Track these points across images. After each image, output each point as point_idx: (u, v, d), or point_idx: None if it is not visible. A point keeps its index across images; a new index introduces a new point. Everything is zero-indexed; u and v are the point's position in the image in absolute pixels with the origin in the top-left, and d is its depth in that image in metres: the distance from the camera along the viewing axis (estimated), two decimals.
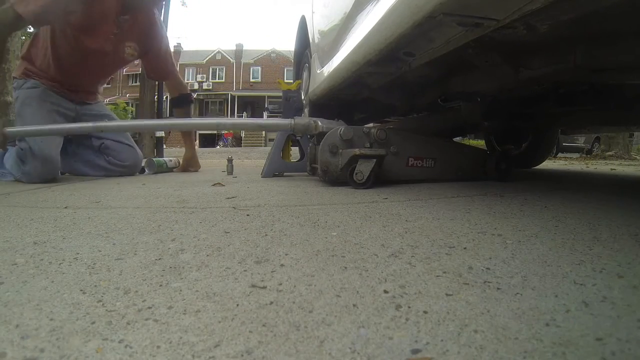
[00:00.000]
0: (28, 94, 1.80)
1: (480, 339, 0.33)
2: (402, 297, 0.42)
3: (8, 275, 0.49)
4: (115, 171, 1.97)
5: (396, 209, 0.94)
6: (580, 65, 1.05)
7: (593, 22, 0.90)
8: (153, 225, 0.77)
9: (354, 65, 1.25)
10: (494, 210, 0.92)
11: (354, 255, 0.57)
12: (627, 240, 0.65)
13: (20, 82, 1.85)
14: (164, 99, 4.29)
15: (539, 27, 0.89)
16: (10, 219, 0.84)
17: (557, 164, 3.61)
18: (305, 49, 2.46)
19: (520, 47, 1.13)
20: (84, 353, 0.31)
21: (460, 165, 1.62)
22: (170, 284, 0.46)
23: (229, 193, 1.25)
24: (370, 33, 1.05)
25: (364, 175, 1.31)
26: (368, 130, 1.44)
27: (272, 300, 0.42)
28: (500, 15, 0.75)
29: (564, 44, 1.06)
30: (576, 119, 1.98)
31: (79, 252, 0.59)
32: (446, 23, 0.80)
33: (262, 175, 1.86)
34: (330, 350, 0.32)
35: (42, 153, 1.66)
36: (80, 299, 0.42)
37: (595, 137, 8.07)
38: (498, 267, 0.51)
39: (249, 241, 0.65)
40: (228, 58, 25.71)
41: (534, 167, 2.72)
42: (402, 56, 1.12)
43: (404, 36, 0.89)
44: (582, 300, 0.41)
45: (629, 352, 0.31)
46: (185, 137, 2.40)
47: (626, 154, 6.29)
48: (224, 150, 9.92)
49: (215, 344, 0.33)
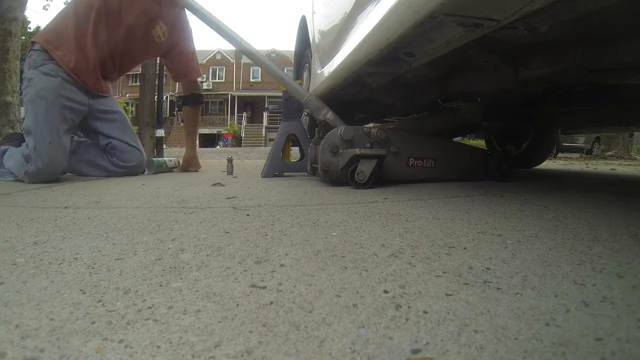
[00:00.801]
0: (44, 83, 1.69)
1: (480, 339, 0.33)
2: (402, 297, 0.42)
3: (8, 275, 0.49)
4: (117, 172, 1.96)
5: (396, 209, 0.94)
6: (579, 66, 1.05)
7: (592, 22, 0.90)
8: (153, 225, 0.77)
9: (355, 65, 1.25)
10: (494, 210, 0.92)
11: (354, 255, 0.57)
12: (627, 240, 0.65)
13: (37, 59, 1.72)
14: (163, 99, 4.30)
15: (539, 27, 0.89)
16: (10, 219, 0.84)
17: (557, 164, 3.61)
18: (305, 49, 2.46)
19: (520, 48, 1.13)
20: (84, 353, 0.31)
21: (461, 166, 1.62)
22: (170, 284, 0.46)
23: (229, 193, 1.25)
24: (371, 33, 1.05)
25: (366, 175, 1.31)
26: (368, 130, 1.44)
27: (272, 300, 0.42)
28: (500, 15, 0.75)
29: (563, 44, 1.06)
30: (576, 118, 1.98)
31: (79, 252, 0.59)
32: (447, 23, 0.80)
33: (262, 175, 1.86)
34: (330, 350, 0.32)
35: (48, 155, 1.65)
36: (80, 299, 0.42)
37: (595, 137, 8.07)
38: (498, 267, 0.51)
39: (249, 241, 0.65)
40: (228, 58, 25.70)
41: (534, 167, 2.72)
42: (403, 56, 1.12)
43: (404, 36, 0.89)
44: (582, 300, 0.41)
45: (629, 352, 0.31)
46: (187, 137, 2.41)
47: (626, 154, 6.29)
48: (224, 150, 9.92)
49: (215, 344, 0.33)
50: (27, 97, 1.71)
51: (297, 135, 1.95)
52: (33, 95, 1.69)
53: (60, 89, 1.71)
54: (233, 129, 22.56)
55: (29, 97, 1.70)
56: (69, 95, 1.75)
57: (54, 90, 1.70)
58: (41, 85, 1.69)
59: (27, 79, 1.73)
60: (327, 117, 1.56)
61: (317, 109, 1.60)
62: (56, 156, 1.68)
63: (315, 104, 1.61)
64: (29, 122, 1.69)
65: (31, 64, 1.73)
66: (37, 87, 1.69)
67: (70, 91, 1.76)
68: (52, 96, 1.69)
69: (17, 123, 3.73)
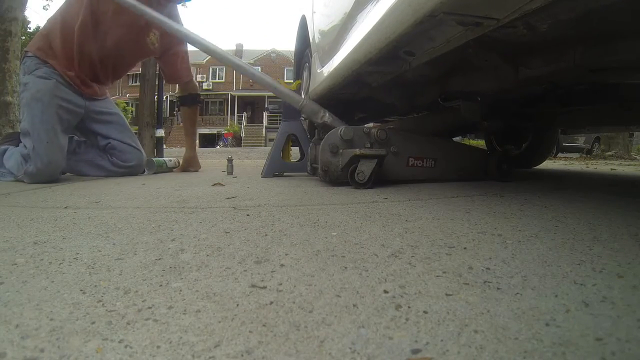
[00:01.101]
0: (39, 86, 1.71)
1: (480, 339, 0.33)
2: (402, 297, 0.42)
3: (8, 275, 0.49)
4: (117, 172, 1.96)
5: (396, 209, 0.94)
6: (579, 65, 1.05)
7: (592, 21, 0.90)
8: (153, 225, 0.77)
9: (355, 63, 1.25)
10: (494, 210, 0.92)
11: (354, 255, 0.57)
12: (627, 240, 0.65)
13: (31, 64, 1.74)
14: (163, 99, 4.30)
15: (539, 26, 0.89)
16: (10, 219, 0.84)
17: (557, 164, 3.61)
18: (305, 49, 2.47)
19: (520, 47, 1.13)
20: (84, 353, 0.31)
21: (461, 166, 1.62)
22: (170, 284, 0.46)
23: (229, 193, 1.25)
24: (371, 32, 1.05)
25: (366, 175, 1.31)
26: (368, 130, 1.45)
27: (272, 300, 0.42)
28: (500, 14, 0.75)
29: (563, 43, 1.06)
30: (576, 118, 1.98)
31: (79, 252, 0.59)
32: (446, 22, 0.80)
33: (262, 175, 1.86)
34: (330, 350, 0.32)
35: (47, 155, 1.65)
36: (80, 299, 0.42)
37: (595, 137, 8.07)
38: (498, 267, 0.51)
39: (249, 241, 0.65)
40: None
41: (534, 167, 2.72)
42: (403, 55, 1.12)
43: (404, 35, 0.89)
44: (582, 300, 0.41)
45: (629, 352, 0.31)
46: (187, 137, 2.41)
47: (626, 154, 6.29)
48: (224, 150, 9.92)
49: (215, 344, 0.33)
50: (24, 100, 1.73)
51: (297, 135, 1.95)
52: (29, 98, 1.71)
53: (55, 90, 1.73)
54: (233, 129, 22.56)
55: (25, 100, 1.73)
56: (64, 97, 1.77)
57: (50, 91, 1.72)
58: (36, 88, 1.71)
59: (22, 83, 1.76)
60: (325, 119, 1.56)
61: (313, 113, 1.59)
62: (55, 156, 1.69)
63: (311, 108, 1.60)
64: (26, 124, 1.71)
65: (26, 70, 1.76)
66: (32, 90, 1.71)
67: (66, 93, 1.78)
68: (48, 97, 1.71)
69: (17, 123, 3.73)
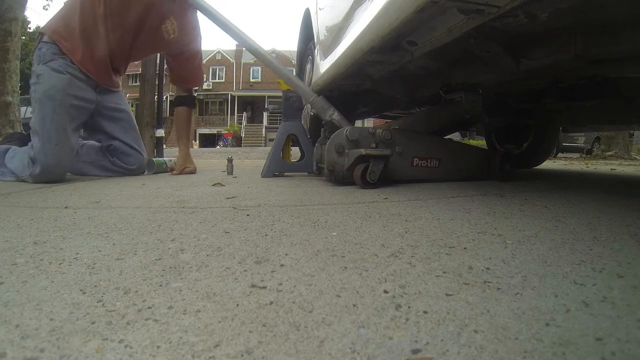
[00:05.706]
0: (53, 81, 1.64)
1: (480, 339, 0.33)
2: (402, 297, 0.42)
3: (8, 275, 0.49)
4: (118, 172, 1.96)
5: (396, 209, 0.94)
6: (580, 56, 1.05)
7: (592, 10, 0.90)
8: (153, 225, 0.77)
9: (358, 52, 1.25)
10: (494, 210, 0.92)
11: (354, 255, 0.57)
12: (627, 240, 0.65)
13: (47, 53, 1.67)
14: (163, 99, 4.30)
15: (539, 15, 0.89)
16: (10, 219, 0.84)
17: (557, 164, 3.61)
18: (308, 42, 2.48)
19: (520, 37, 1.13)
20: (84, 353, 0.31)
21: (464, 166, 1.62)
22: (170, 284, 0.46)
23: (229, 193, 1.25)
24: (374, 20, 1.06)
25: (377, 175, 1.34)
26: (374, 130, 1.47)
27: (272, 300, 0.42)
28: (500, 1, 0.76)
29: (564, 33, 1.06)
30: (577, 115, 1.98)
31: (79, 252, 0.59)
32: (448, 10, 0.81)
33: (262, 175, 1.86)
34: (330, 350, 0.32)
35: (55, 156, 1.63)
36: (80, 299, 0.42)
37: (595, 137, 8.08)
38: (498, 267, 0.51)
39: (249, 241, 0.65)
40: (228, 58, 25.70)
41: (534, 166, 2.72)
42: (405, 45, 1.13)
43: (407, 22, 0.90)
44: (582, 300, 0.41)
45: (629, 352, 0.31)
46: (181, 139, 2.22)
47: (626, 154, 6.28)
48: (224, 150, 9.91)
49: (215, 344, 0.33)
50: (35, 94, 1.67)
51: (297, 135, 1.95)
52: (41, 94, 1.65)
53: (69, 87, 1.68)
54: (233, 129, 22.56)
55: (37, 95, 1.66)
56: (77, 94, 1.72)
57: (63, 89, 1.66)
58: (50, 84, 1.65)
59: (35, 74, 1.68)
60: (333, 117, 1.58)
61: (323, 110, 1.62)
62: (63, 157, 1.67)
63: (321, 104, 1.63)
64: (35, 122, 1.66)
65: (41, 58, 1.68)
66: (45, 86, 1.65)
67: (79, 89, 1.73)
68: (61, 96, 1.65)
69: (17, 123, 3.73)
